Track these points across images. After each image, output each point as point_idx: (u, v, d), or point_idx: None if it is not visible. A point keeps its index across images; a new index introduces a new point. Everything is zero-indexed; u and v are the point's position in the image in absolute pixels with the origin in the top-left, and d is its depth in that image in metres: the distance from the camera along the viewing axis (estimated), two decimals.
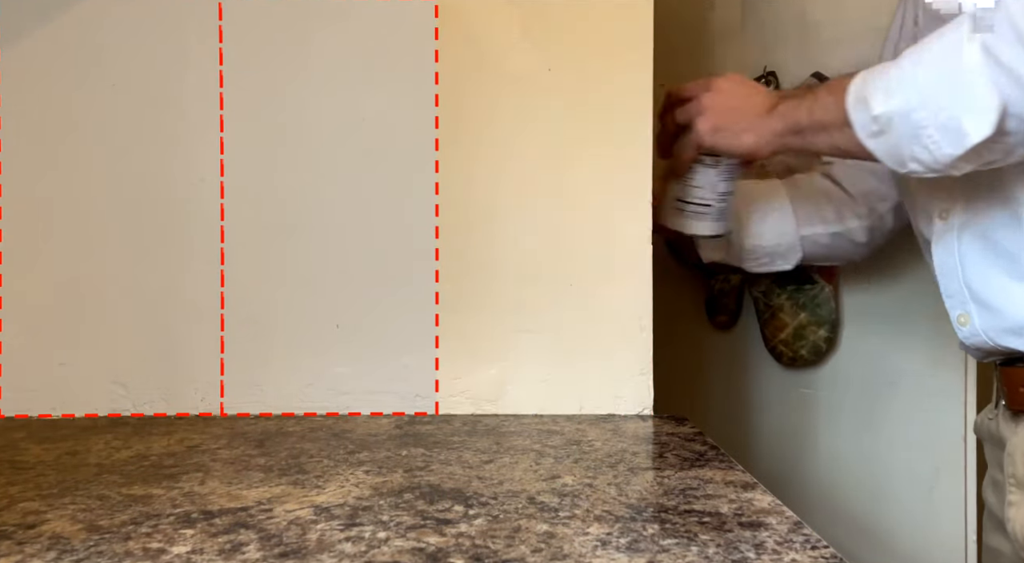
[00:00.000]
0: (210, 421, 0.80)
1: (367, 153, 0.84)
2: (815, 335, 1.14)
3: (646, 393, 0.85)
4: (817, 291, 1.14)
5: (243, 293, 0.83)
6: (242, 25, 0.83)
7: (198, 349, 0.83)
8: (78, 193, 0.82)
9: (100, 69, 0.82)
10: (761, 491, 0.59)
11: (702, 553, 0.47)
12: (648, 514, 0.54)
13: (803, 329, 1.14)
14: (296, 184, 0.83)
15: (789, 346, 1.15)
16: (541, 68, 0.84)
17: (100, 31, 0.82)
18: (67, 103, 0.82)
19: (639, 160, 0.84)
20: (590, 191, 0.84)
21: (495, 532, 0.50)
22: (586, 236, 0.81)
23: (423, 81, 0.84)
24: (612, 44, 0.84)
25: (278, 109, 0.83)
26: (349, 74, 0.84)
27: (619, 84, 0.84)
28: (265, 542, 0.48)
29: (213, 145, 0.83)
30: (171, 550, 0.47)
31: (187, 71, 0.83)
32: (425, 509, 0.55)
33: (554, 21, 0.84)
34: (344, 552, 0.47)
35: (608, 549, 0.47)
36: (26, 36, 0.82)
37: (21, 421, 0.80)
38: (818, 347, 1.14)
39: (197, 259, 0.83)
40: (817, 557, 0.47)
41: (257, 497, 0.57)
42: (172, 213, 0.83)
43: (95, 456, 0.67)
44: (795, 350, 1.15)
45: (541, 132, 0.84)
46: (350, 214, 0.83)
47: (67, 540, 0.49)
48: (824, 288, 1.14)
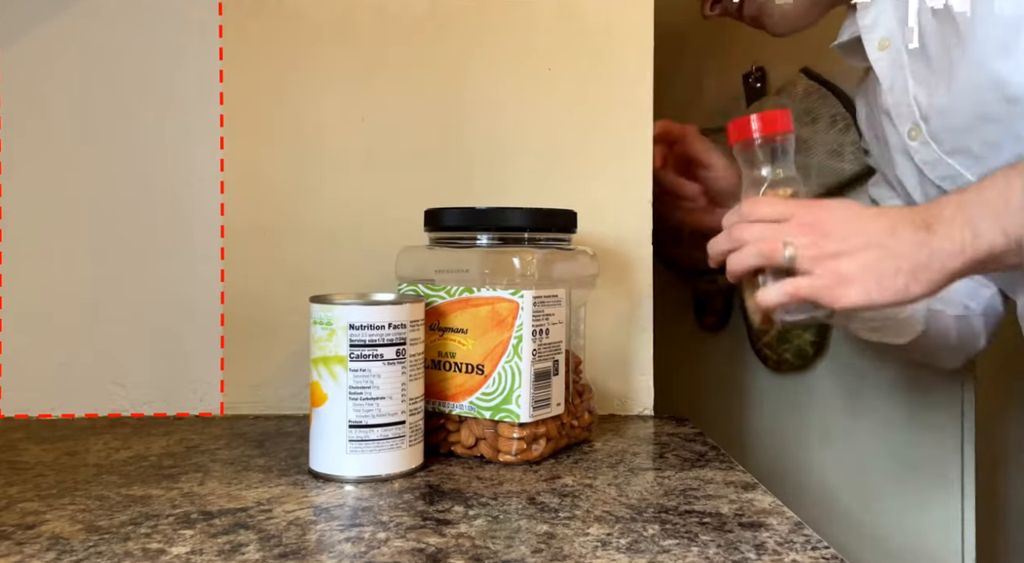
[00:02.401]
0: (210, 421, 0.80)
1: (368, 153, 0.83)
2: (800, 339, 1.13)
3: (646, 393, 0.85)
4: None
5: (243, 293, 0.83)
6: (242, 23, 0.83)
7: (198, 349, 0.83)
8: (78, 193, 0.82)
9: (100, 69, 0.82)
10: (762, 491, 0.59)
11: (703, 554, 0.47)
12: (648, 514, 0.54)
13: (787, 332, 1.13)
14: (297, 183, 0.83)
15: (774, 349, 1.14)
16: (541, 68, 0.84)
17: (100, 31, 0.82)
18: (67, 103, 0.82)
19: (639, 160, 0.84)
20: (590, 191, 0.84)
21: (495, 532, 0.50)
22: (586, 236, 0.80)
23: (421, 81, 0.84)
24: (612, 44, 0.84)
25: (279, 107, 0.83)
26: (349, 74, 0.83)
27: (619, 84, 0.84)
28: (264, 542, 0.48)
29: (213, 144, 0.83)
30: (170, 550, 0.47)
31: (187, 70, 0.83)
32: (425, 509, 0.54)
33: (554, 21, 0.84)
34: (344, 552, 0.47)
35: (608, 550, 0.47)
36: (26, 36, 0.82)
37: (21, 421, 0.80)
38: (803, 351, 1.13)
39: (197, 258, 0.83)
40: (818, 558, 0.47)
41: (257, 497, 0.57)
42: (172, 212, 0.83)
43: (94, 456, 0.67)
44: (779, 353, 1.14)
45: (541, 132, 0.84)
46: (350, 213, 0.83)
47: (66, 540, 0.49)
48: None
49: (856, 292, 0.62)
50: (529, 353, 0.65)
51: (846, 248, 0.62)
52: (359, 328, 0.60)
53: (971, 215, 0.60)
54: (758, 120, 0.69)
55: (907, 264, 0.61)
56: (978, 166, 0.75)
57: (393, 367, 0.61)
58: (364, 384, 0.60)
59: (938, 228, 0.61)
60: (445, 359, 0.68)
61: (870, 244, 0.62)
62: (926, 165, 0.79)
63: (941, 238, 0.61)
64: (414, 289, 0.70)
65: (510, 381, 0.65)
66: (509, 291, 0.65)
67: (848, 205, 0.66)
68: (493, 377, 0.66)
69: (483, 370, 0.66)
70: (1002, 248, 0.59)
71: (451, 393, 0.68)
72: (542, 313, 0.66)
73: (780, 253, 0.63)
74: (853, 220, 0.64)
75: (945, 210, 0.62)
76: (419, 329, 0.63)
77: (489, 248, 0.69)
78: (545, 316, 0.67)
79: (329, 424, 0.61)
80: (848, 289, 0.62)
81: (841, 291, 0.62)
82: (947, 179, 0.78)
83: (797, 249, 0.63)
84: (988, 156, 0.74)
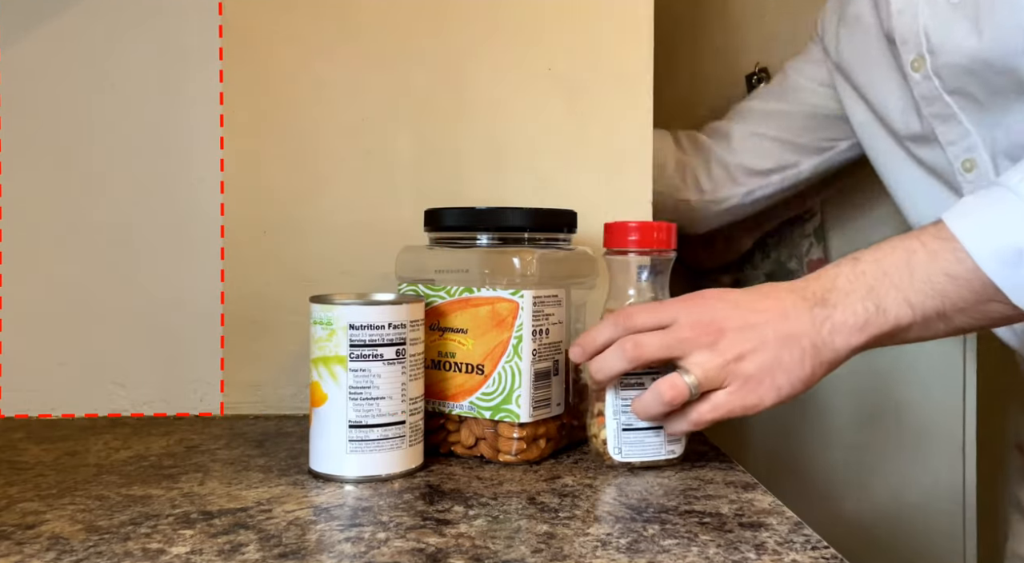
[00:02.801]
0: (210, 421, 0.80)
1: (368, 153, 0.83)
2: None
3: None
4: None
5: (243, 293, 0.83)
6: (242, 23, 0.83)
7: (198, 349, 0.83)
8: (78, 193, 0.82)
9: (100, 69, 0.82)
10: (762, 491, 0.59)
11: (703, 554, 0.47)
12: (648, 514, 0.54)
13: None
14: (297, 183, 0.83)
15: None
16: (541, 68, 0.84)
17: (100, 31, 0.82)
18: (67, 103, 0.82)
19: (639, 160, 0.84)
20: (590, 191, 0.84)
21: (495, 532, 0.50)
22: (586, 236, 0.80)
23: (421, 80, 0.84)
24: (612, 44, 0.84)
25: (279, 107, 0.83)
26: (349, 74, 0.83)
27: (619, 84, 0.84)
28: (264, 542, 0.48)
29: (213, 144, 0.83)
30: (170, 550, 0.47)
31: (187, 70, 0.83)
32: (425, 509, 0.54)
33: (554, 21, 0.84)
34: (344, 552, 0.47)
35: (608, 550, 0.47)
36: (26, 36, 0.82)
37: (21, 421, 0.80)
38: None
39: (197, 258, 0.83)
40: (818, 558, 0.47)
41: (256, 497, 0.57)
42: (172, 212, 0.83)
43: (94, 456, 0.67)
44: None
45: (541, 132, 0.84)
46: (350, 213, 0.83)
47: (66, 540, 0.49)
48: None
49: (765, 393, 0.58)
50: (529, 353, 0.65)
51: (747, 347, 0.57)
52: (359, 328, 0.60)
53: (871, 285, 0.57)
54: (637, 231, 0.65)
55: (808, 343, 0.57)
56: (976, 112, 0.75)
57: (393, 367, 0.61)
58: (364, 384, 0.60)
59: (835, 301, 0.58)
60: (445, 359, 0.68)
61: (766, 334, 0.57)
62: (923, 100, 0.78)
63: (842, 312, 0.57)
64: (414, 289, 0.70)
65: (510, 381, 0.65)
66: (509, 291, 0.65)
67: (725, 294, 0.61)
68: (493, 377, 0.66)
69: (483, 370, 0.66)
70: (908, 321, 0.57)
71: (451, 393, 0.68)
72: (542, 313, 0.66)
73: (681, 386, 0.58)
74: (740, 309, 0.59)
75: (838, 280, 0.58)
76: (419, 329, 0.63)
77: (489, 248, 0.69)
78: (545, 316, 0.67)
79: (329, 424, 0.61)
80: (757, 391, 0.58)
81: (753, 397, 0.58)
82: (939, 118, 0.77)
83: (699, 369, 0.58)
84: (988, 104, 0.73)
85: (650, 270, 0.67)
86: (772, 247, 1.16)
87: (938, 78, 0.76)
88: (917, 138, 0.82)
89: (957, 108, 0.76)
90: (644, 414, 0.62)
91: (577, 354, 0.64)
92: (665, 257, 0.66)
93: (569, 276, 0.70)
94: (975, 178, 0.77)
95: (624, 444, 0.64)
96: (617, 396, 0.64)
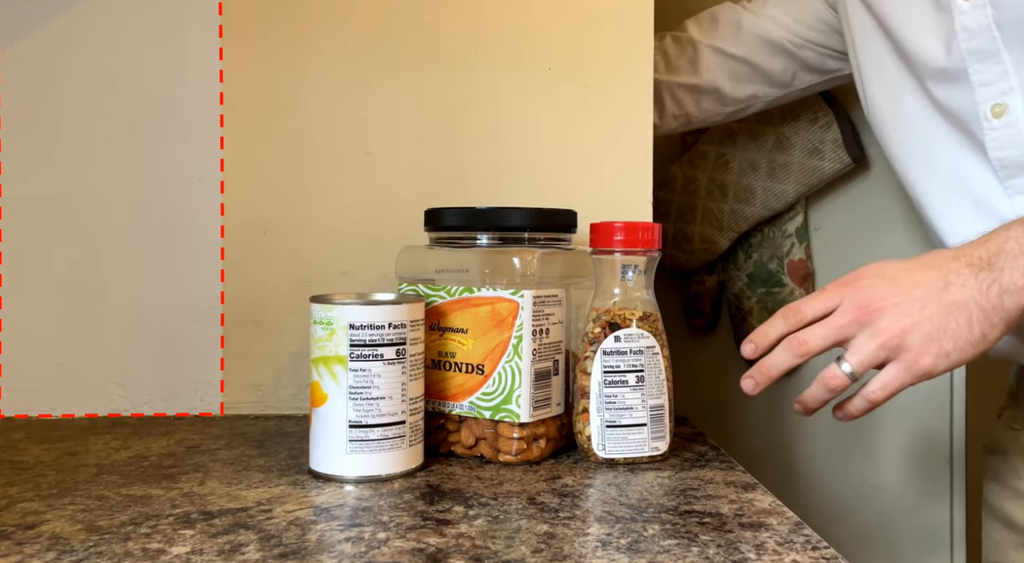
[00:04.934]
0: (210, 421, 0.80)
1: (368, 153, 0.83)
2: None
3: None
4: (786, 294, 1.13)
5: (243, 293, 0.83)
6: (242, 24, 0.83)
7: (198, 349, 0.83)
8: (78, 193, 0.82)
9: (100, 69, 0.82)
10: (762, 492, 0.59)
11: (703, 554, 0.47)
12: (648, 514, 0.54)
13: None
14: (297, 183, 0.83)
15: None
16: (541, 68, 0.84)
17: (100, 31, 0.82)
18: (67, 103, 0.82)
19: (639, 160, 0.84)
20: (590, 191, 0.84)
21: (495, 532, 0.50)
22: (586, 236, 0.80)
23: (421, 80, 0.84)
24: (612, 44, 0.84)
25: (279, 107, 0.83)
26: (349, 74, 0.83)
27: (619, 84, 0.84)
28: (264, 542, 0.48)
29: (213, 144, 0.83)
30: (170, 550, 0.47)
31: (187, 70, 0.83)
32: (425, 509, 0.54)
33: (554, 21, 0.84)
34: (344, 552, 0.47)
35: (608, 550, 0.47)
36: (26, 36, 0.82)
37: (21, 421, 0.80)
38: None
39: (197, 258, 0.83)
40: (818, 558, 0.47)
41: (257, 497, 0.57)
42: (172, 212, 0.83)
43: (94, 456, 0.67)
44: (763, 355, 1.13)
45: (541, 132, 0.84)
46: (350, 213, 0.83)
47: (66, 540, 0.49)
48: (794, 291, 1.13)
49: (934, 361, 0.59)
50: (529, 353, 0.65)
51: (907, 321, 0.59)
52: (359, 328, 0.60)
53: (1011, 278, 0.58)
54: (622, 231, 0.66)
55: (975, 308, 0.58)
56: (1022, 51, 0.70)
57: (393, 367, 0.61)
58: (364, 384, 0.60)
59: (1002, 264, 0.59)
60: (445, 359, 0.68)
61: (927, 305, 0.59)
62: (965, 31, 0.72)
63: (1009, 274, 0.58)
64: (414, 289, 0.70)
65: (510, 381, 0.65)
66: (509, 291, 0.65)
67: (884, 269, 0.63)
68: (493, 377, 0.66)
69: (483, 370, 0.66)
70: None
71: (451, 393, 0.68)
72: (542, 313, 0.66)
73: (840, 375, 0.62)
74: (898, 284, 0.60)
75: (1007, 244, 0.59)
76: (419, 329, 0.63)
77: (489, 248, 0.69)
78: (545, 316, 0.67)
79: (329, 424, 0.61)
80: (924, 360, 0.59)
81: (921, 366, 0.59)
82: (977, 55, 0.72)
83: (855, 356, 0.61)
84: None
85: (635, 269, 0.67)
86: (755, 248, 1.16)
87: (992, 6, 0.69)
88: (941, 75, 0.75)
89: (1003, 44, 0.70)
90: (814, 403, 0.64)
91: (749, 351, 0.65)
92: (650, 257, 0.67)
93: (569, 276, 0.70)
94: (1002, 125, 0.71)
95: (608, 440, 0.65)
96: (601, 393, 0.64)
